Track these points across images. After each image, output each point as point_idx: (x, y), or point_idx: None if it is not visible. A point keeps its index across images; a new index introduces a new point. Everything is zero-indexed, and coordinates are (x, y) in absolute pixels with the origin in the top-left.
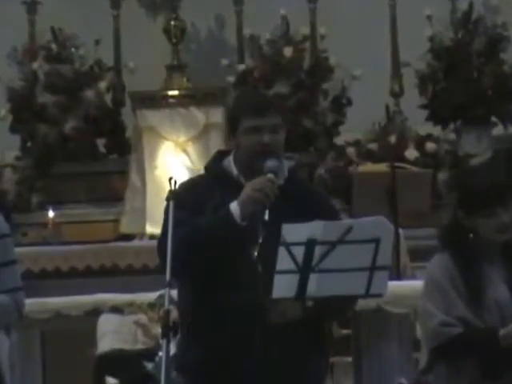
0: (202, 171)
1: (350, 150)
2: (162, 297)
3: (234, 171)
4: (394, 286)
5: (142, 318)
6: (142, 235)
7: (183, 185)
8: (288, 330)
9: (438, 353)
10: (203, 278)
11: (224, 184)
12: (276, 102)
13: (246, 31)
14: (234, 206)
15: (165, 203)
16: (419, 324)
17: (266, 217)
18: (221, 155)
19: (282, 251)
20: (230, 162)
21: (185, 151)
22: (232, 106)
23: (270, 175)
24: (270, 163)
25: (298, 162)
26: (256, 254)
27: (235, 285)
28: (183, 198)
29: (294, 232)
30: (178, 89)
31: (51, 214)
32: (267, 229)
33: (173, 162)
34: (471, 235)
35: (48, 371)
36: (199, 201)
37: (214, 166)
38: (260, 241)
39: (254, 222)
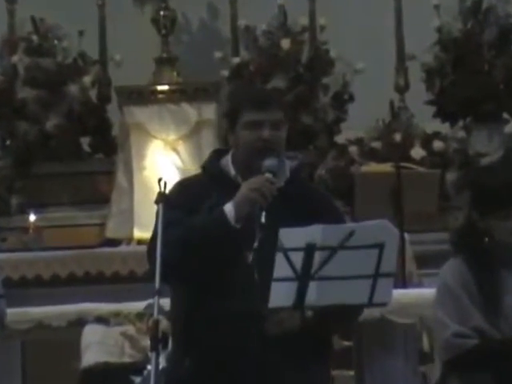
0: (193, 171)
1: (352, 149)
2: (150, 306)
3: (232, 171)
4: (398, 294)
5: (130, 329)
6: (130, 240)
7: (177, 184)
8: (286, 341)
9: (451, 366)
10: (196, 282)
11: (221, 184)
12: (278, 97)
13: (241, 22)
14: (229, 207)
15: (154, 206)
16: (432, 334)
17: (263, 219)
18: (218, 154)
19: (279, 257)
20: (227, 162)
21: (175, 150)
22: (232, 99)
23: (268, 174)
24: (269, 162)
25: (302, 162)
26: (251, 258)
27: (230, 291)
28: (176, 198)
29: (292, 237)
30: (167, 83)
31: (32, 217)
32: (264, 232)
33: (162, 161)
34: (486, 238)
35: None
36: (194, 201)
37: (211, 165)
38: (256, 245)
39: (251, 225)
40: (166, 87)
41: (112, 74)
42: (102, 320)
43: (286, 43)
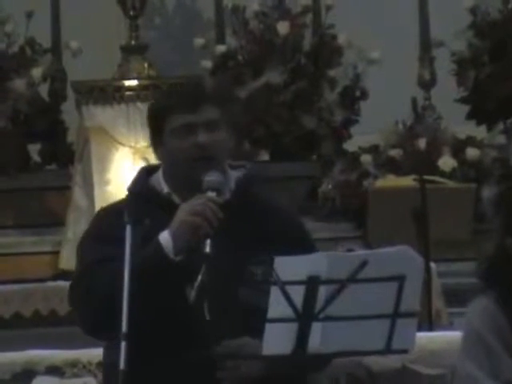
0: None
1: (366, 159)
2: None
3: (165, 189)
4: (424, 338)
5: (90, 381)
6: None
7: (100, 212)
8: None
9: None
10: (132, 336)
11: (153, 206)
12: (214, 91)
13: (227, 0)
14: (165, 237)
15: None
16: None
17: (208, 248)
18: (147, 172)
19: (275, 292)
20: (158, 179)
21: (146, 160)
22: (153, 104)
23: (211, 193)
24: (211, 177)
25: (251, 173)
26: (193, 296)
27: (173, 337)
28: (99, 230)
29: (291, 267)
30: (136, 77)
31: None
32: (210, 263)
33: (130, 174)
34: None
35: None
36: (123, 232)
37: (138, 185)
38: (199, 280)
39: (193, 255)
40: (134, 82)
41: (68, 66)
42: (55, 371)
43: (283, 27)
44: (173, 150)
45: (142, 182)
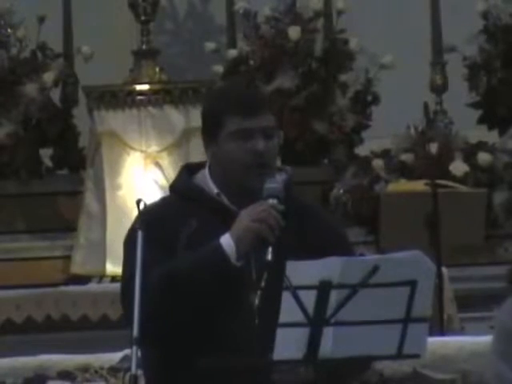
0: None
1: (377, 163)
2: (127, 358)
3: (214, 189)
4: (435, 343)
5: None
6: (101, 277)
7: (144, 213)
8: None
9: None
10: (182, 338)
11: (200, 207)
12: (267, 98)
13: (239, 5)
14: (228, 242)
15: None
16: None
17: (270, 256)
18: (190, 170)
19: (286, 297)
20: (205, 178)
21: (157, 165)
22: (211, 103)
23: (272, 200)
24: (272, 185)
25: (292, 176)
26: (257, 302)
27: (227, 344)
28: (151, 227)
29: (303, 272)
30: (148, 82)
31: None
32: (270, 271)
33: (142, 178)
34: None
35: None
36: (172, 231)
37: (184, 183)
38: (262, 286)
39: (251, 261)
40: (146, 87)
41: (79, 71)
42: (66, 376)
43: (294, 32)
44: (228, 153)
45: (187, 181)
